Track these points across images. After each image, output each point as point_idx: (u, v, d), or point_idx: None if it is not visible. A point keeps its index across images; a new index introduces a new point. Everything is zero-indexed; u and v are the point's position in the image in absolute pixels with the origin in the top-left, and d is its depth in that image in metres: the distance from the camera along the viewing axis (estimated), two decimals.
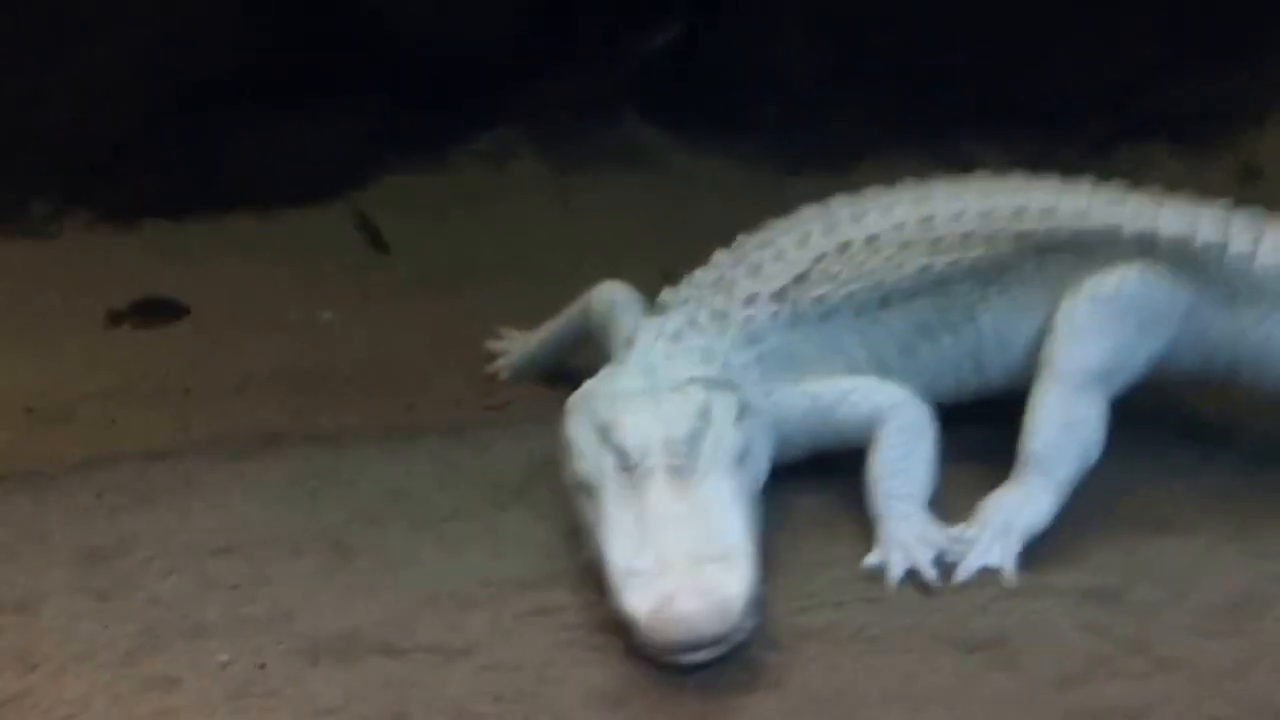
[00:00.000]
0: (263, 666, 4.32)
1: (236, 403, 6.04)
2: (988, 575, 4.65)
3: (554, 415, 5.34)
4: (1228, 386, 5.31)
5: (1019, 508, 4.81)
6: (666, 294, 5.30)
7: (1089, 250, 5.10)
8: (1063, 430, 4.90)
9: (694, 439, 4.53)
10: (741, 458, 4.67)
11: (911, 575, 4.65)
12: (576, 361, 6.09)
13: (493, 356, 6.32)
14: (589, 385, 4.92)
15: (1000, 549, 4.71)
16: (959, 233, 5.01)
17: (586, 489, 4.58)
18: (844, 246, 5.15)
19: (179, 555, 4.89)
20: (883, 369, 5.16)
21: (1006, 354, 5.12)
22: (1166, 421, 5.60)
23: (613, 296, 5.77)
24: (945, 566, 4.68)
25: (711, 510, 4.31)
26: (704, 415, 4.63)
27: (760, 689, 4.17)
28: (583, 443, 4.66)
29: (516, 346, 6.39)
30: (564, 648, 4.39)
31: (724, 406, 4.73)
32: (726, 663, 4.17)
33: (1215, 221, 5.10)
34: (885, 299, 5.03)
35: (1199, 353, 5.15)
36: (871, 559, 4.73)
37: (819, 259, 5.14)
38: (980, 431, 5.20)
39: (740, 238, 5.40)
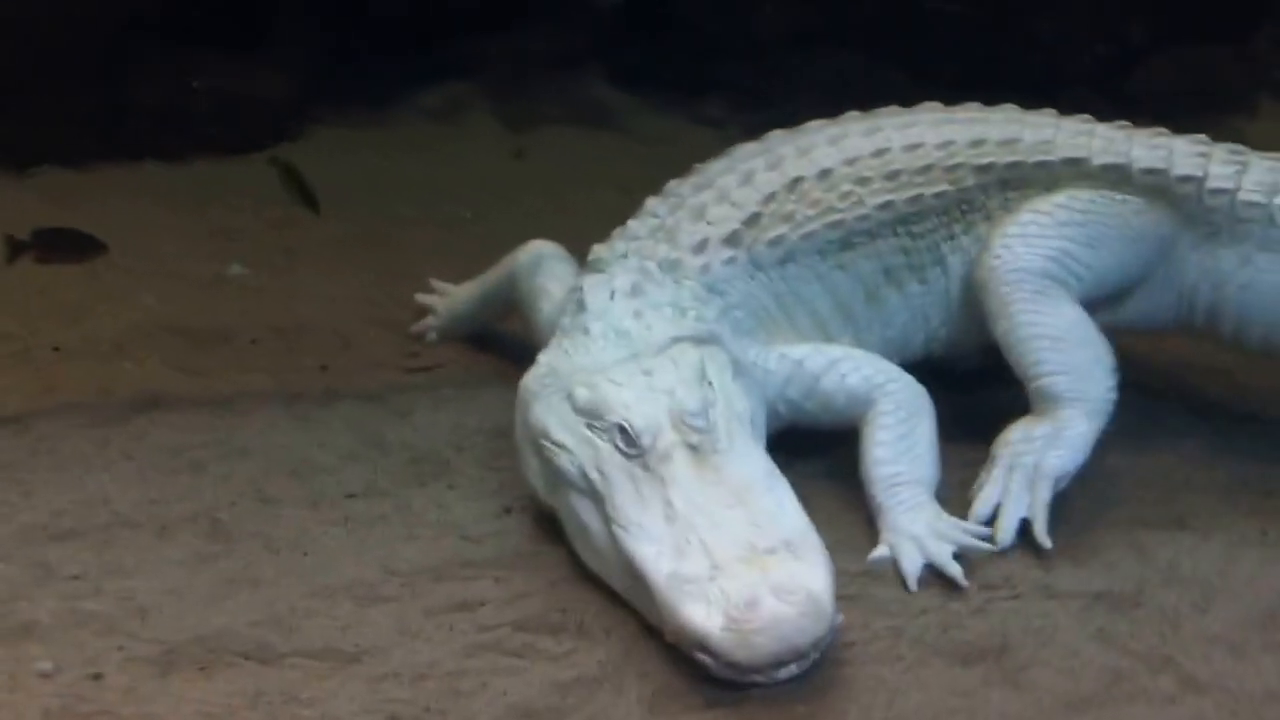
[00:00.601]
0: (97, 678, 3.62)
1: (115, 362, 5.36)
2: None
3: (485, 382, 4.94)
4: (1211, 339, 4.87)
5: (1048, 442, 4.33)
6: (599, 249, 4.68)
7: (1056, 184, 4.65)
8: (1055, 346, 4.41)
9: (706, 408, 3.98)
10: (754, 421, 4.16)
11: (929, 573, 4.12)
12: (509, 326, 5.49)
13: (422, 314, 5.79)
14: (550, 361, 4.28)
15: (1029, 497, 4.22)
16: (917, 166, 4.66)
17: (578, 487, 3.98)
18: (794, 183, 4.63)
19: (13, 539, 4.17)
20: (850, 321, 4.68)
21: (978, 304, 4.62)
22: (1177, 403, 5.14)
23: (540, 254, 5.12)
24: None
25: (752, 490, 3.86)
26: (704, 379, 4.08)
27: (717, 706, 3.59)
28: (562, 432, 4.05)
29: (444, 305, 5.70)
30: (481, 652, 3.78)
31: (718, 365, 4.19)
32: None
33: (1193, 153, 4.65)
34: (847, 240, 4.63)
35: (1177, 297, 4.73)
36: (878, 553, 4.14)
37: (769, 198, 4.60)
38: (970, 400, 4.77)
39: (672, 183, 4.83)
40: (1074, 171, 4.62)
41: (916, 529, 4.12)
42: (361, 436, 4.84)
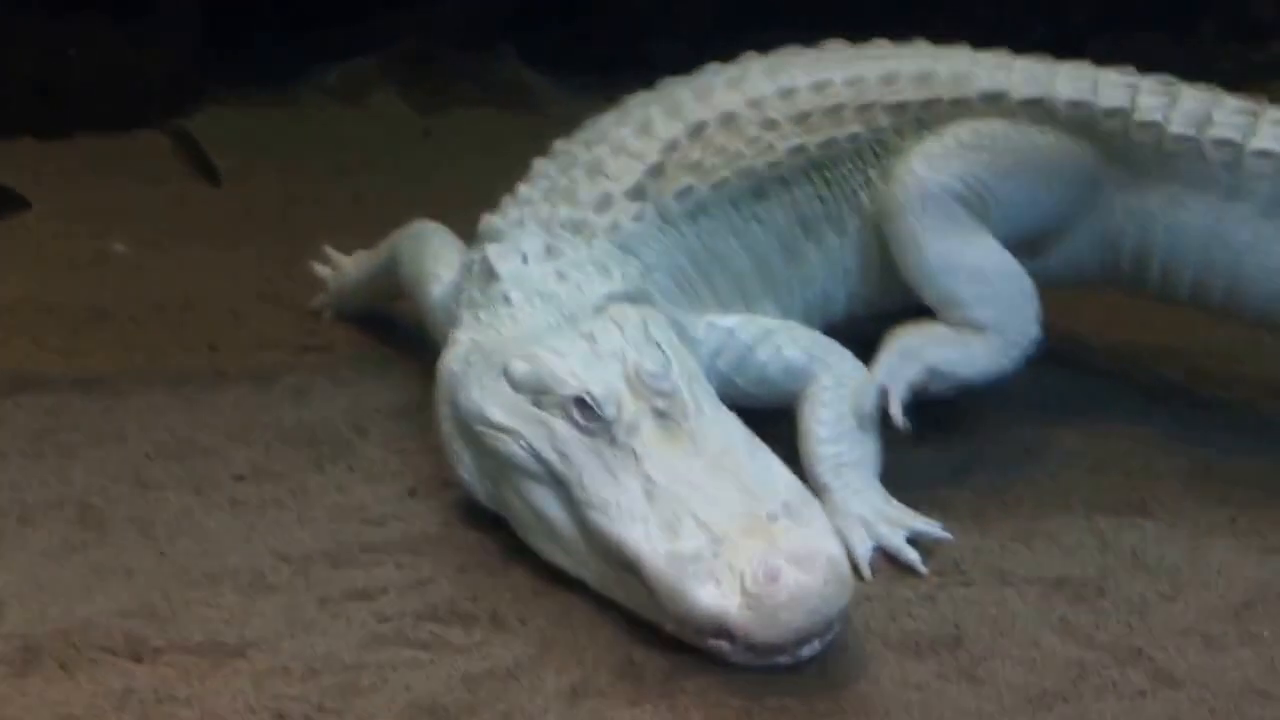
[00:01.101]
0: None
1: None
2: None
3: (388, 361, 4.65)
4: (1138, 291, 4.55)
5: (944, 340, 4.08)
6: (490, 218, 4.26)
7: None
8: (974, 277, 4.14)
9: (667, 369, 3.62)
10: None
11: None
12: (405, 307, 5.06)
13: (320, 289, 5.38)
14: (472, 337, 3.86)
15: (900, 371, 3.96)
16: (827, 106, 4.33)
17: (531, 473, 3.56)
18: (697, 129, 4.27)
19: None
20: (770, 282, 4.33)
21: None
22: (1132, 387, 4.87)
23: (421, 234, 4.71)
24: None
25: (735, 455, 3.50)
26: (652, 340, 3.72)
27: (644, 701, 3.24)
28: (504, 414, 3.61)
29: (333, 281, 5.30)
30: (381, 644, 3.41)
31: (660, 325, 3.82)
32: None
33: (1120, 84, 4.34)
34: (759, 189, 4.28)
35: (1103, 244, 4.41)
36: None
37: (671, 146, 4.23)
38: None
39: (559, 142, 4.46)
40: (994, 108, 4.32)
41: (865, 512, 3.84)
42: (252, 418, 4.48)
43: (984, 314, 4.09)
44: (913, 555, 3.76)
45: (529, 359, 3.62)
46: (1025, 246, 4.33)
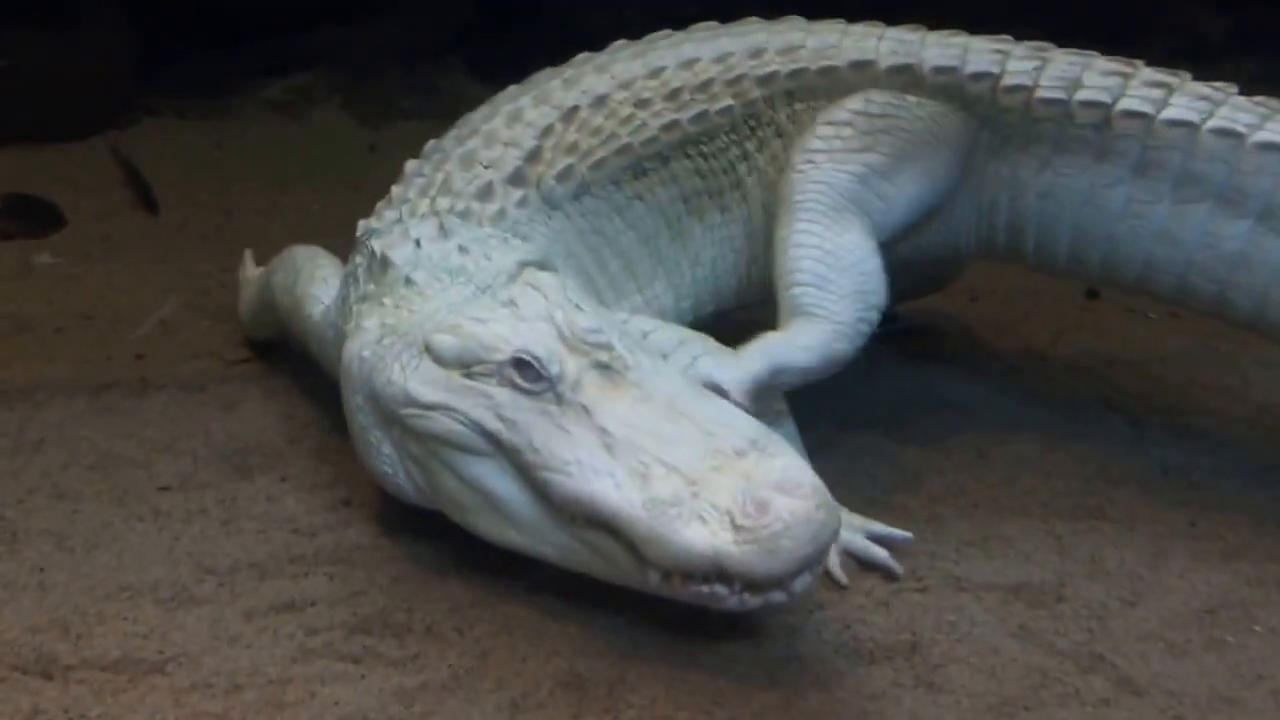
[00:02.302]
0: None
1: None
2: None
3: (322, 371, 4.28)
4: (1015, 261, 4.38)
5: (779, 345, 3.90)
6: (367, 223, 4.08)
7: (846, 92, 4.24)
8: (823, 259, 3.98)
9: (601, 325, 3.47)
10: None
11: None
12: None
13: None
14: (381, 321, 3.65)
15: (740, 364, 3.76)
16: (697, 82, 4.27)
17: (474, 449, 3.36)
18: (570, 113, 4.19)
19: None
20: (659, 262, 4.24)
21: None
22: (1087, 393, 4.75)
23: (293, 261, 4.48)
24: None
25: (686, 400, 3.34)
26: (568, 300, 3.54)
27: (587, 714, 3.11)
28: (433, 392, 3.40)
29: (242, 299, 5.05)
30: (309, 657, 3.26)
31: (575, 291, 3.66)
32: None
33: (988, 49, 4.23)
34: (638, 166, 4.19)
35: (977, 213, 4.30)
36: None
37: (546, 131, 4.14)
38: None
39: (430, 143, 4.35)
40: (862, 76, 4.23)
41: None
42: (179, 428, 4.30)
43: (813, 295, 3.94)
44: (882, 554, 3.67)
45: (452, 331, 3.44)
46: (917, 223, 4.25)
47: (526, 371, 3.31)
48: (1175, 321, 5.08)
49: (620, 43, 4.44)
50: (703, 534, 3.00)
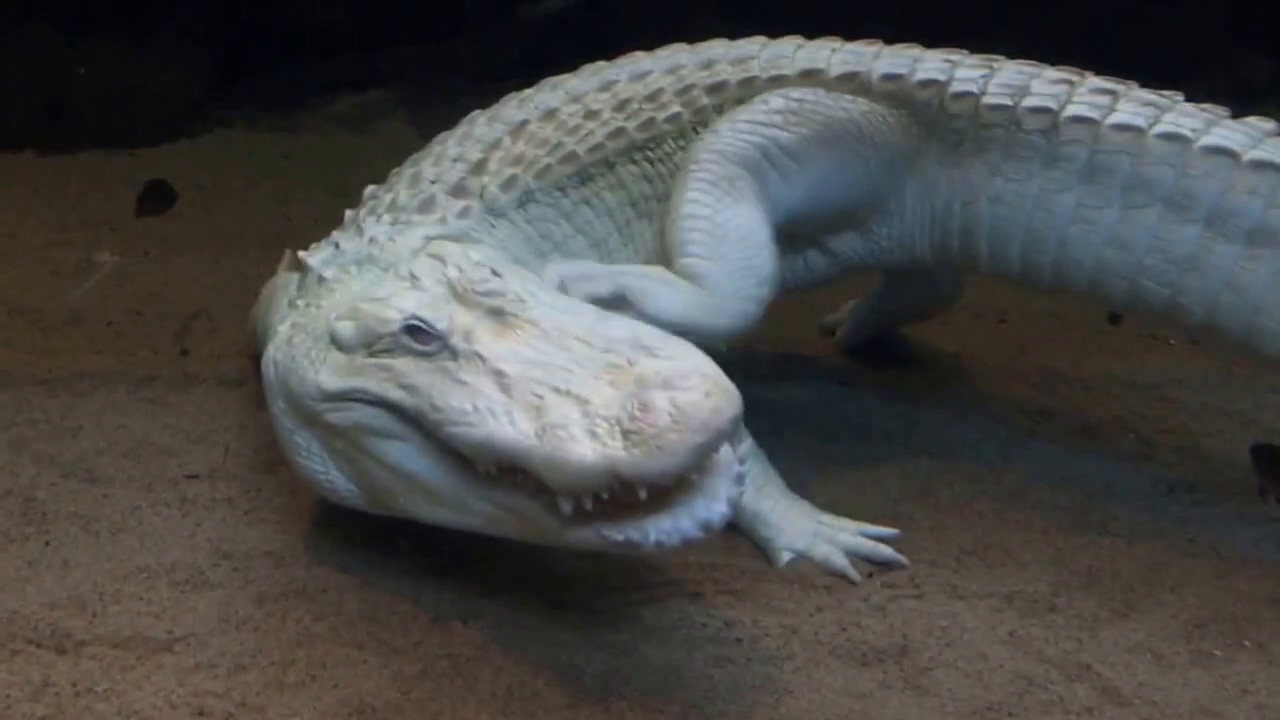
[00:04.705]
0: None
1: None
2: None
3: None
4: (971, 269, 4.38)
5: (647, 275, 3.90)
6: (308, 254, 4.00)
7: None
8: (712, 232, 3.93)
9: (491, 271, 3.49)
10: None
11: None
12: None
13: None
14: (293, 322, 3.69)
15: (592, 275, 3.80)
16: (646, 92, 4.29)
17: (387, 432, 3.38)
18: (520, 127, 4.24)
19: None
20: (610, 262, 4.19)
21: None
22: (1102, 406, 4.81)
23: (277, 285, 4.52)
24: None
25: (578, 321, 3.34)
26: (472, 260, 3.58)
27: (579, 705, 3.20)
28: (342, 380, 3.43)
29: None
30: (313, 642, 3.37)
31: (486, 255, 3.69)
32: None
33: (939, 61, 4.22)
34: (584, 173, 4.19)
35: (930, 220, 4.26)
36: (786, 558, 3.83)
37: (494, 145, 4.19)
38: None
39: (394, 170, 4.42)
40: (810, 84, 4.22)
41: (810, 526, 3.86)
42: (215, 421, 4.44)
43: (704, 267, 3.90)
44: (886, 550, 3.81)
45: (350, 315, 3.48)
46: (842, 219, 4.25)
47: (419, 335, 3.32)
48: (1194, 349, 5.09)
49: (591, 65, 4.47)
50: (594, 447, 2.95)
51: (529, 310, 3.36)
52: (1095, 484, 4.24)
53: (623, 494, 3.00)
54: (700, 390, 2.99)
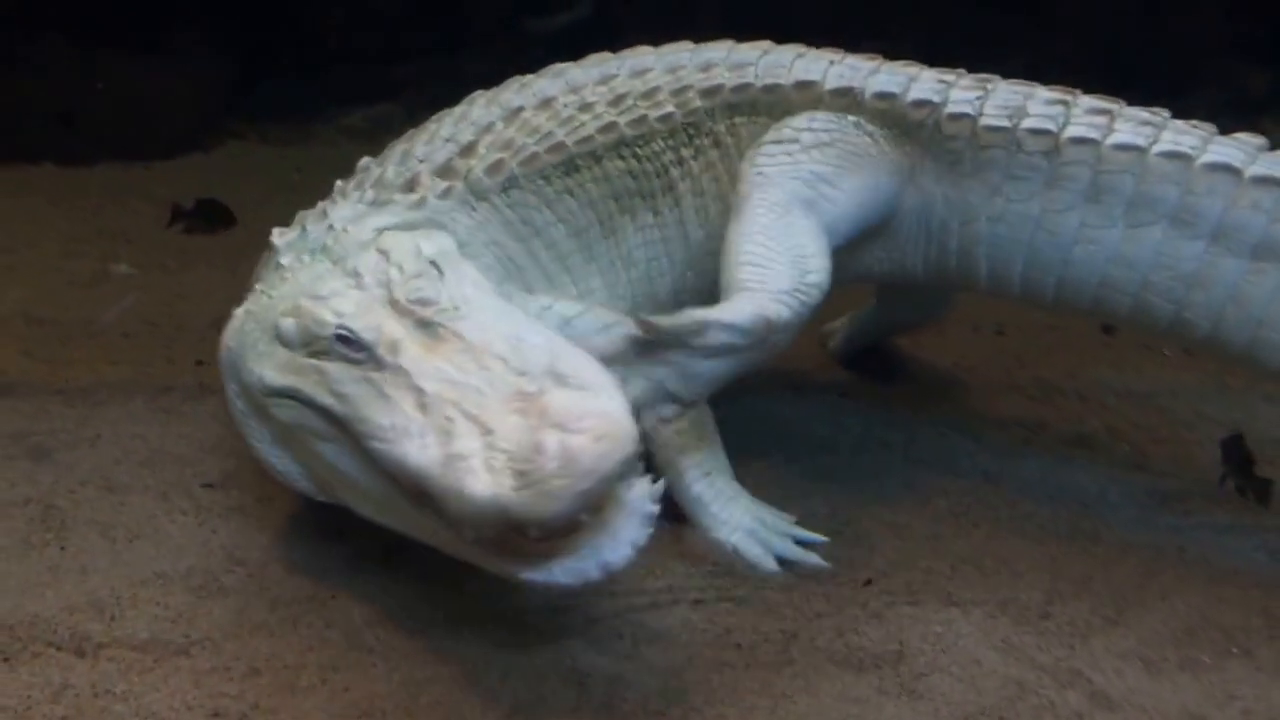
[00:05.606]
0: None
1: None
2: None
3: None
4: (970, 288, 4.39)
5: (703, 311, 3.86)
6: (278, 234, 4.03)
7: (787, 112, 4.28)
8: (765, 243, 3.98)
9: (427, 277, 3.52)
10: (500, 283, 3.72)
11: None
12: None
13: None
14: (247, 308, 3.75)
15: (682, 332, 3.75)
16: (643, 89, 4.33)
17: (322, 433, 3.43)
18: (513, 113, 4.28)
19: None
20: (592, 258, 4.27)
21: (711, 231, 4.29)
22: (1097, 416, 4.91)
23: None
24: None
25: (499, 336, 3.32)
26: (419, 257, 3.60)
27: (585, 706, 3.28)
28: (283, 376, 3.48)
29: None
30: (325, 646, 3.46)
31: (439, 245, 3.72)
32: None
33: (933, 79, 4.27)
34: (570, 163, 4.22)
35: (927, 239, 4.28)
36: (724, 549, 3.89)
37: (485, 129, 4.23)
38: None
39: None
40: (805, 96, 4.29)
41: (747, 521, 3.92)
42: (230, 430, 4.38)
43: (748, 272, 3.93)
44: (799, 553, 3.86)
45: (294, 312, 3.51)
46: (855, 239, 4.28)
47: (349, 344, 3.35)
48: (1188, 360, 5.15)
49: (595, 56, 4.49)
50: (488, 483, 2.94)
51: (457, 320, 3.37)
52: (1089, 494, 4.32)
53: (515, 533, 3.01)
54: (591, 434, 2.97)
